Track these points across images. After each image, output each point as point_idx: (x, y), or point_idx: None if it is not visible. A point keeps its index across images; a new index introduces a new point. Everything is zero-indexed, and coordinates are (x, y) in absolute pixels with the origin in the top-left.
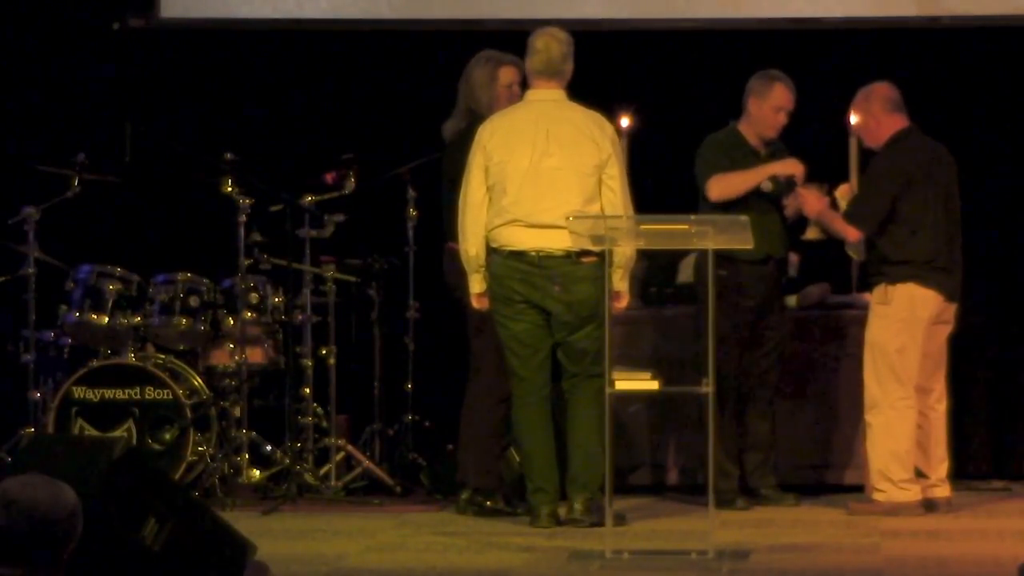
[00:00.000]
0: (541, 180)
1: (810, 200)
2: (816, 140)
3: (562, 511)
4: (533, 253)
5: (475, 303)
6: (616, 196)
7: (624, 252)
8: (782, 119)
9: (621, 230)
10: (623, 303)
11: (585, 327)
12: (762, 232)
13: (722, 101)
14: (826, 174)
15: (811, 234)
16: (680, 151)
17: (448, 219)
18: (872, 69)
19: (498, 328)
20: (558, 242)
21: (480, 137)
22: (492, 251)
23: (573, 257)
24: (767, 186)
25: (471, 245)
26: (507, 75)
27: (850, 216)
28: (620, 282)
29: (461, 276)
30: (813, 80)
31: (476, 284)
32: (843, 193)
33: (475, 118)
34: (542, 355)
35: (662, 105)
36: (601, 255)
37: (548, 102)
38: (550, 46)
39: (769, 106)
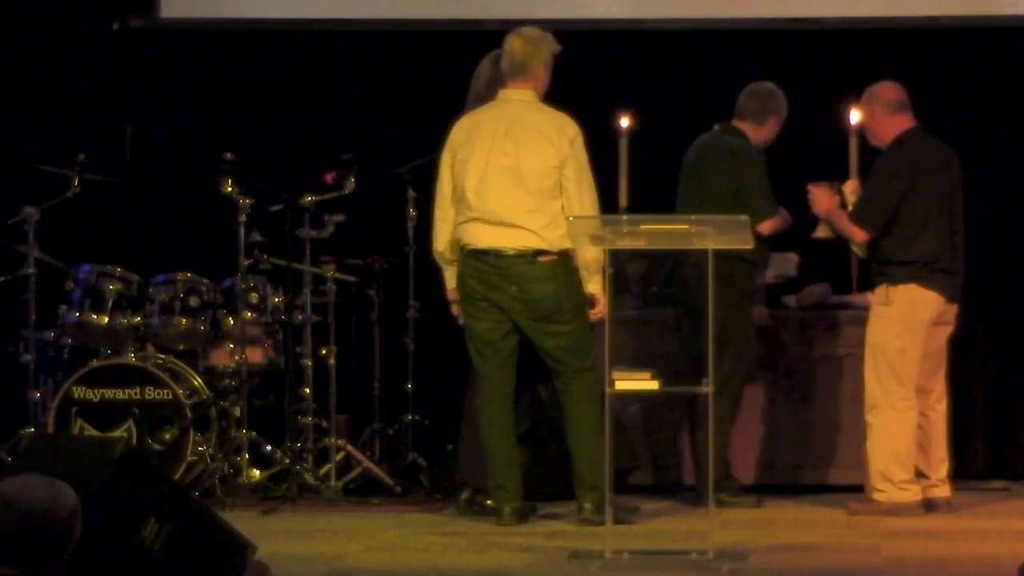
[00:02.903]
0: (496, 178)
1: (820, 199)
2: (816, 140)
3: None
4: (490, 252)
5: (449, 297)
6: (571, 198)
7: (585, 254)
8: None
9: (620, 230)
10: (598, 310)
11: (548, 326)
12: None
13: (722, 101)
14: (826, 174)
15: (821, 232)
16: (680, 151)
17: None
18: (872, 69)
19: (465, 325)
20: (513, 241)
21: (450, 135)
22: (458, 249)
23: (528, 256)
24: None
25: (439, 242)
26: None
27: (855, 217)
28: (591, 285)
29: None
30: (813, 80)
31: (448, 280)
32: (851, 189)
33: None
34: (504, 354)
35: (662, 105)
36: (560, 255)
37: (516, 102)
38: (514, 46)
39: (781, 122)
